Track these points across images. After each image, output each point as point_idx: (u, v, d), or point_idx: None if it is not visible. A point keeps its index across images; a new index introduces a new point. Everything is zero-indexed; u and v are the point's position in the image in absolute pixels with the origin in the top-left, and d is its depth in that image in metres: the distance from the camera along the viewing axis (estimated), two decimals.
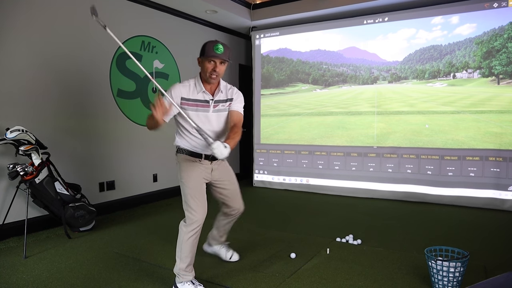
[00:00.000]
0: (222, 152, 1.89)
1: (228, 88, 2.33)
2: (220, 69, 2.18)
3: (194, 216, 2.15)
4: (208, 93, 2.23)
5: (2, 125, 3.13)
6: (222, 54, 2.13)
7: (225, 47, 2.16)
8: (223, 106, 2.28)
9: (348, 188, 5.06)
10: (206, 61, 2.17)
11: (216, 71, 2.17)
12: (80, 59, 3.81)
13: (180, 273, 2.19)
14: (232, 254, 2.68)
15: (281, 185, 5.58)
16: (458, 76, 4.53)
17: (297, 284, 2.31)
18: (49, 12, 3.50)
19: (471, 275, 2.31)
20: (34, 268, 2.58)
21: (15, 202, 3.16)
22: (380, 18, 4.86)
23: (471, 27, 4.36)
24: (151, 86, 4.65)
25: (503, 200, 4.19)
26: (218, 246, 2.70)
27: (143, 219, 3.88)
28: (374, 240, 3.14)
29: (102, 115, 4.05)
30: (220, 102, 2.27)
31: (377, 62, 5.02)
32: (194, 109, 2.21)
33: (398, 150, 4.76)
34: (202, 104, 2.23)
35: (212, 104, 2.24)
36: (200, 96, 2.23)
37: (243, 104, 2.36)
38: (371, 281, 2.34)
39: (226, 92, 2.30)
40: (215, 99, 2.25)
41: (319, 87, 5.47)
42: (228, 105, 2.30)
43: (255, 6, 5.48)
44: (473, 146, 4.35)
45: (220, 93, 2.27)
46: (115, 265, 2.62)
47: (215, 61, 2.16)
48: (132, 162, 4.43)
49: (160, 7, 4.68)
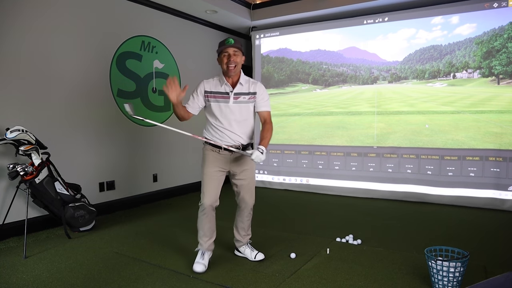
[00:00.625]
0: (259, 157, 2.27)
1: (250, 83, 2.49)
2: (235, 59, 2.37)
3: (202, 199, 2.47)
4: (229, 85, 2.44)
5: (2, 125, 3.13)
6: (234, 44, 2.35)
7: (235, 39, 2.39)
8: (244, 98, 2.46)
9: (348, 188, 5.06)
10: (222, 56, 2.40)
11: (231, 60, 2.36)
12: (80, 59, 3.81)
13: (198, 240, 2.54)
14: (256, 254, 2.66)
15: (281, 185, 5.59)
16: (458, 76, 4.53)
17: (297, 284, 2.31)
18: (49, 12, 3.50)
19: (471, 275, 2.31)
20: (34, 268, 2.58)
21: (15, 202, 3.16)
22: (380, 18, 4.86)
23: (471, 27, 4.36)
24: (151, 86, 4.65)
25: (503, 200, 4.19)
26: (243, 247, 2.70)
27: (143, 219, 3.88)
28: (374, 240, 3.14)
29: (102, 115, 4.05)
30: (241, 95, 2.46)
31: (377, 62, 5.02)
32: (215, 100, 2.45)
33: (398, 150, 4.76)
34: (223, 95, 2.44)
35: (232, 96, 2.43)
36: (222, 89, 2.45)
37: (268, 98, 2.54)
38: (371, 281, 2.34)
39: (249, 85, 2.48)
40: (235, 91, 2.44)
41: (319, 87, 5.47)
42: (250, 98, 2.47)
43: (255, 6, 5.48)
44: (473, 146, 4.35)
45: (240, 85, 2.45)
46: (115, 265, 2.62)
47: (228, 52, 2.36)
48: (132, 162, 4.43)
49: (160, 7, 4.68)
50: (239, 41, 2.41)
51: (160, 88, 4.77)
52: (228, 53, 2.35)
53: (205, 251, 2.53)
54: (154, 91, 4.68)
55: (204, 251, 2.53)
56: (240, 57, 2.41)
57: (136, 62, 4.44)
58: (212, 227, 2.55)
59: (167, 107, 4.87)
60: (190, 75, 5.14)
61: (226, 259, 2.71)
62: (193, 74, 5.16)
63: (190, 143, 4.92)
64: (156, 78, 4.71)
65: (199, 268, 2.45)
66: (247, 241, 2.71)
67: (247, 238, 2.70)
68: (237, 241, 2.71)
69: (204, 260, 2.50)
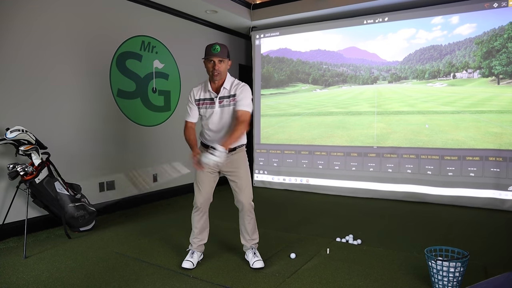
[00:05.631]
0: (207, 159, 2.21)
1: (233, 85, 2.49)
2: (220, 67, 2.39)
3: (195, 199, 2.58)
4: (212, 92, 2.47)
5: (2, 125, 3.13)
6: (219, 53, 2.37)
7: (222, 46, 2.39)
8: (227, 101, 2.47)
9: (348, 188, 5.06)
10: (207, 62, 2.43)
11: (216, 69, 2.38)
12: (80, 59, 3.81)
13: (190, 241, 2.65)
14: (255, 261, 2.55)
15: (281, 185, 5.58)
16: (458, 76, 4.53)
17: (297, 284, 2.31)
18: (49, 12, 3.50)
19: (471, 275, 2.31)
20: (34, 268, 2.58)
21: (15, 202, 3.16)
22: (380, 18, 4.86)
23: (471, 27, 4.36)
24: (151, 86, 4.65)
25: (503, 200, 4.19)
26: (247, 252, 2.65)
27: (143, 219, 3.88)
28: (374, 240, 3.14)
29: (102, 115, 4.05)
30: (225, 98, 2.47)
31: (377, 62, 5.02)
32: (204, 107, 2.51)
33: (398, 150, 4.76)
34: (210, 102, 2.50)
35: (217, 101, 2.47)
36: (208, 95, 2.50)
37: (249, 100, 2.48)
38: (371, 281, 2.34)
39: (231, 88, 2.47)
40: (219, 96, 2.47)
41: (319, 87, 5.47)
42: (231, 101, 2.47)
43: (255, 6, 5.48)
44: (473, 146, 4.35)
45: (224, 89, 2.47)
46: (115, 265, 2.62)
47: (214, 61, 2.38)
48: (132, 162, 4.43)
49: (160, 7, 4.68)
50: (225, 47, 2.41)
51: (160, 88, 4.77)
52: (214, 62, 2.38)
53: (194, 250, 2.62)
54: (154, 91, 4.68)
55: (194, 251, 2.62)
56: (225, 64, 2.42)
57: (136, 62, 4.44)
58: (204, 226, 2.63)
59: (167, 107, 4.87)
60: (190, 75, 5.14)
61: (226, 259, 2.71)
62: (193, 74, 5.15)
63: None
64: (156, 78, 4.71)
65: (186, 264, 2.54)
66: (252, 245, 2.63)
67: (252, 243, 2.62)
68: (243, 244, 2.68)
69: (193, 259, 2.57)
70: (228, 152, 2.42)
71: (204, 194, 2.57)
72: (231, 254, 2.80)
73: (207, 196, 2.58)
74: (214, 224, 2.83)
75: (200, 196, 2.56)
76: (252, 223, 2.61)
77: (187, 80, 5.12)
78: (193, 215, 2.62)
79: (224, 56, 2.39)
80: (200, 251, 2.65)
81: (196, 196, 2.59)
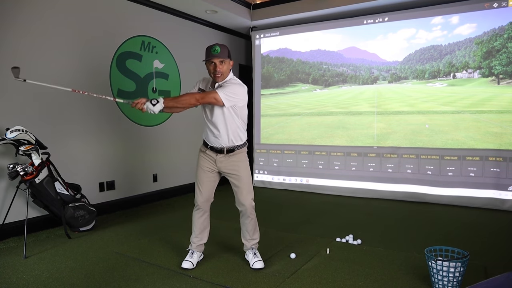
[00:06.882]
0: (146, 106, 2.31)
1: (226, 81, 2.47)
2: (221, 68, 2.40)
3: (196, 198, 2.60)
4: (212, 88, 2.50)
5: (2, 125, 3.13)
6: (219, 54, 2.36)
7: (222, 47, 2.39)
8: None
9: (348, 188, 5.06)
10: (208, 64, 2.43)
11: (218, 71, 2.39)
12: (80, 59, 3.81)
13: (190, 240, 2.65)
14: (255, 261, 2.55)
15: (281, 185, 5.58)
16: (458, 76, 4.53)
17: (297, 284, 2.31)
18: (49, 12, 3.50)
19: (471, 275, 2.31)
20: (34, 268, 2.58)
21: (15, 202, 3.16)
22: (380, 18, 4.86)
23: (471, 27, 4.36)
24: (151, 86, 4.65)
25: (503, 200, 4.19)
26: (248, 252, 2.64)
27: (143, 219, 3.88)
28: (374, 240, 3.14)
29: (102, 115, 4.05)
30: None
31: (377, 62, 5.02)
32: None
33: (398, 150, 4.76)
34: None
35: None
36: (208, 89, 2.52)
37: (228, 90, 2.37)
38: (371, 281, 2.34)
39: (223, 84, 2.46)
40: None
41: (319, 87, 5.47)
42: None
43: (255, 6, 5.48)
44: (473, 146, 4.35)
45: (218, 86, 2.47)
46: (115, 265, 2.62)
47: (215, 62, 2.38)
48: (132, 162, 4.43)
49: (160, 7, 4.68)
50: (226, 47, 2.40)
51: (160, 88, 4.77)
52: (215, 63, 2.37)
53: (194, 250, 2.62)
54: (154, 91, 4.68)
55: (194, 251, 2.62)
56: (226, 65, 2.41)
57: (136, 62, 4.44)
58: (204, 226, 2.64)
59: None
60: (190, 75, 5.14)
61: (226, 259, 2.71)
62: (193, 74, 5.15)
63: (190, 143, 4.92)
64: (156, 78, 4.71)
65: (186, 265, 2.55)
66: (252, 246, 2.62)
67: (252, 243, 2.62)
68: (243, 244, 2.68)
69: (192, 259, 2.58)
70: (226, 152, 2.50)
71: (204, 194, 2.58)
72: (231, 254, 2.80)
73: (207, 196, 2.60)
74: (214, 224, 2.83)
75: (200, 196, 2.59)
76: (253, 223, 2.61)
77: (187, 80, 5.12)
78: (194, 214, 2.65)
79: (224, 57, 2.38)
80: (200, 251, 2.65)
81: (196, 196, 2.61)
